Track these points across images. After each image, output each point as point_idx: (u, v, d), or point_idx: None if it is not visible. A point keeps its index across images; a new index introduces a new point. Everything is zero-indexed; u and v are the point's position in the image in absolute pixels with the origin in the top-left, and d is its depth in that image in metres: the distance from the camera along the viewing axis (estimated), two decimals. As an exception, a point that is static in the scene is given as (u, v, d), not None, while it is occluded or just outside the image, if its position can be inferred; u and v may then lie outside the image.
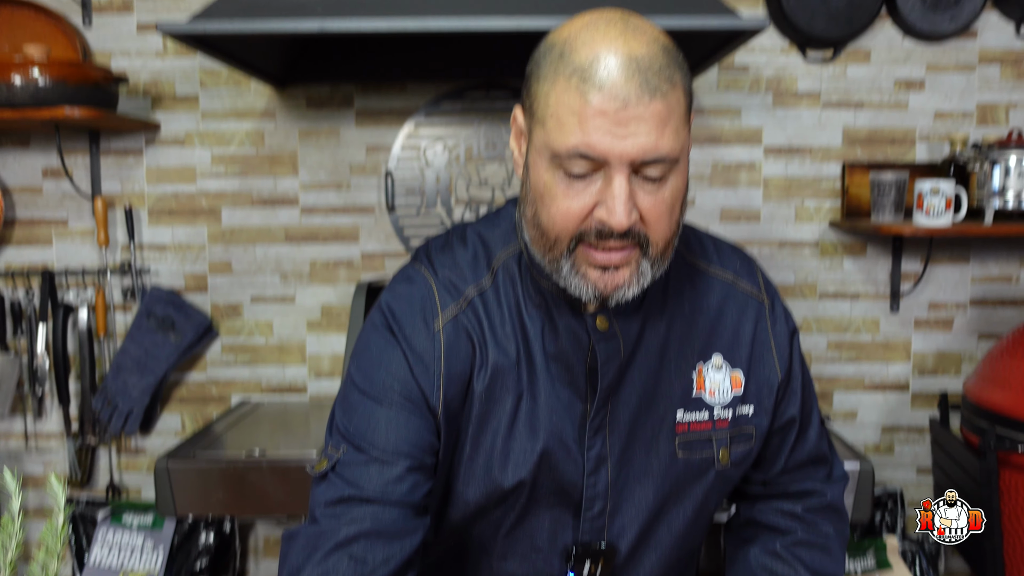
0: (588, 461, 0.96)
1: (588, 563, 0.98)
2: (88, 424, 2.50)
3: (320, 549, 0.85)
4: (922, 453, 2.53)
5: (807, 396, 1.06)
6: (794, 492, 1.08)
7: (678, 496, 1.01)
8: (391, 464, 0.89)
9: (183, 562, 2.39)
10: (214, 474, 1.94)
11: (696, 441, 0.99)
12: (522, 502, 0.97)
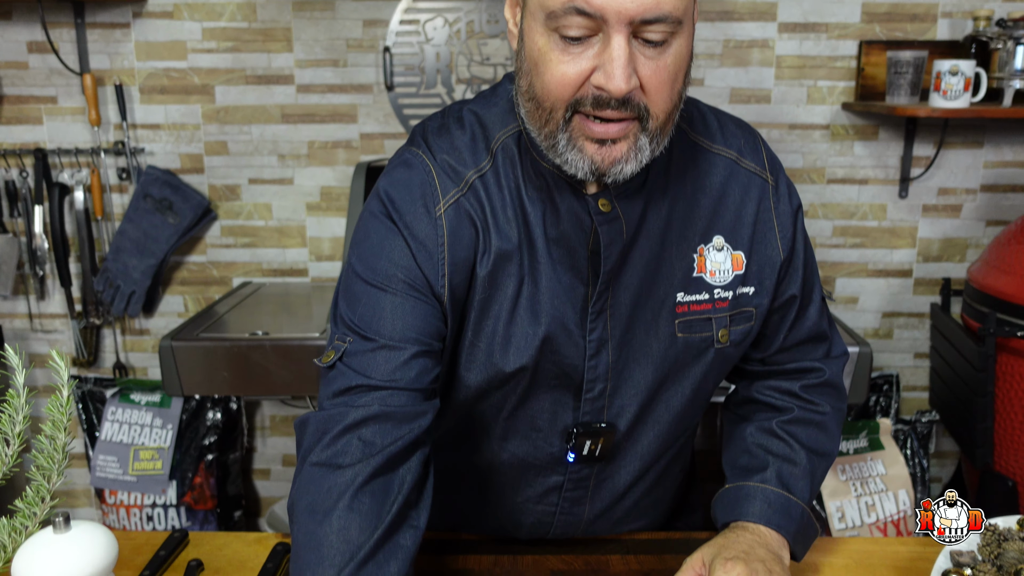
0: (590, 344, 0.97)
1: (588, 442, 1.01)
2: (91, 305, 2.53)
3: (329, 432, 0.86)
4: (921, 339, 2.56)
5: (808, 274, 1.06)
6: (792, 370, 1.09)
7: (677, 376, 1.02)
8: (398, 350, 0.89)
9: (192, 439, 2.46)
10: (218, 354, 1.98)
11: (696, 321, 1.00)
12: (523, 386, 0.99)
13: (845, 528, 2.20)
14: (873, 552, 1.09)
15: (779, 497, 1.01)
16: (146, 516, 2.45)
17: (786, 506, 1.01)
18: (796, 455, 1.05)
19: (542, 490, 1.06)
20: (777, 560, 0.95)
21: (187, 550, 1.11)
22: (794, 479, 1.03)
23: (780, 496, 1.01)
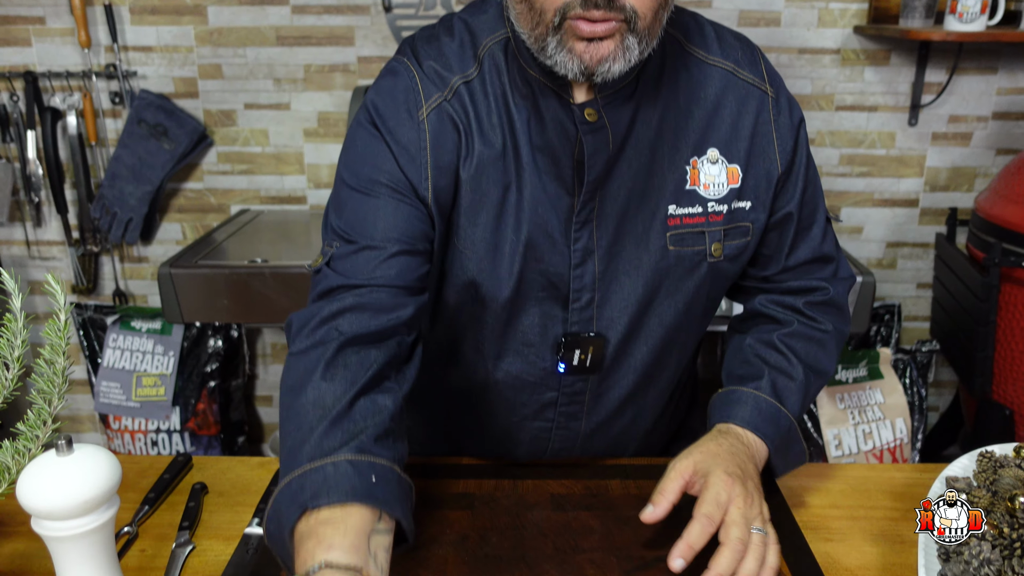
0: (574, 253, 0.98)
1: (577, 352, 1.02)
2: (88, 232, 2.52)
3: (308, 325, 0.88)
4: (924, 269, 2.56)
5: (811, 192, 1.05)
6: (796, 288, 1.09)
7: (669, 290, 1.03)
8: (379, 250, 0.91)
9: (194, 365, 2.49)
10: (217, 281, 1.98)
11: (688, 235, 1.00)
12: (511, 295, 1.00)
13: (842, 455, 2.24)
14: (869, 478, 1.11)
15: (770, 406, 1.00)
16: (151, 441, 2.50)
17: (775, 416, 1.00)
18: (793, 369, 1.04)
19: (537, 407, 1.08)
20: (758, 472, 0.95)
21: (191, 474, 1.13)
22: (788, 392, 1.02)
23: (771, 405, 1.00)
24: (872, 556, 0.95)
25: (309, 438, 0.78)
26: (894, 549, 0.96)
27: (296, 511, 0.73)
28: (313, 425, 0.79)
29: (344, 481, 0.74)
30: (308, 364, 0.85)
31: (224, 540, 0.98)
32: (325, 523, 0.72)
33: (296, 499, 0.74)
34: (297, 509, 0.73)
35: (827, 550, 0.96)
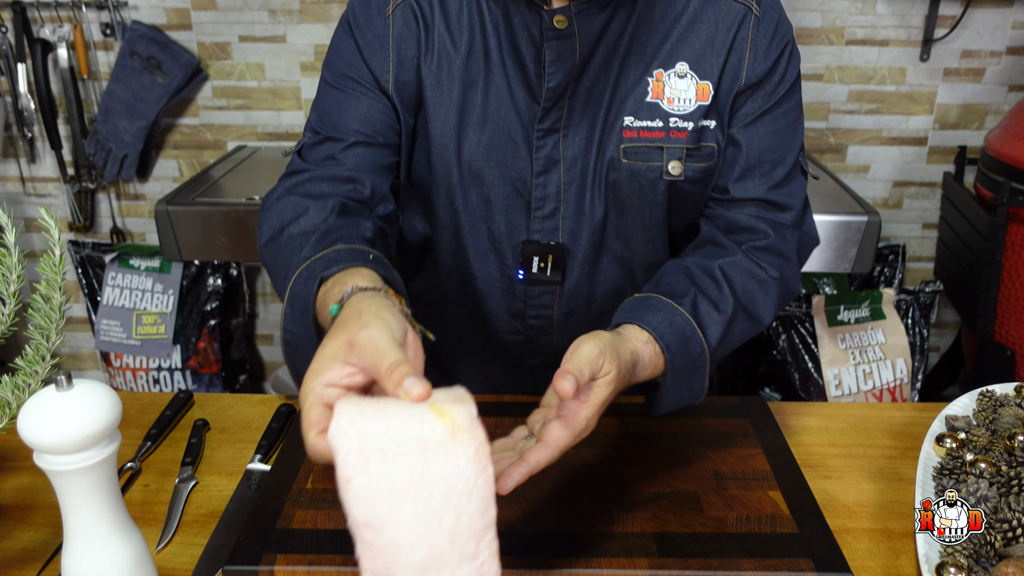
0: (537, 161, 1.00)
1: (536, 260, 1.03)
2: (84, 169, 2.50)
3: (271, 196, 0.98)
4: (930, 209, 2.54)
5: (785, 133, 1.00)
6: (740, 224, 1.00)
7: (631, 209, 1.02)
8: (338, 141, 0.99)
9: (193, 304, 2.49)
10: (215, 219, 1.97)
11: (644, 149, 0.99)
12: (477, 195, 1.02)
13: (841, 395, 2.26)
14: (869, 417, 1.12)
15: (686, 324, 0.88)
16: (152, 379, 2.52)
17: (687, 337, 0.88)
18: (724, 300, 0.94)
19: (507, 317, 1.09)
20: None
21: (192, 410, 1.14)
22: (710, 321, 0.92)
23: (688, 323, 0.88)
24: (870, 493, 0.96)
25: (302, 251, 0.85)
26: (891, 487, 0.98)
27: (314, 284, 0.78)
28: (302, 245, 0.87)
29: (347, 256, 0.80)
30: (280, 211, 0.94)
31: (226, 476, 0.99)
32: (343, 276, 0.76)
33: (309, 280, 0.79)
34: (315, 282, 0.78)
35: (825, 487, 0.97)
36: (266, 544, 0.79)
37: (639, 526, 0.82)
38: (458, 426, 0.56)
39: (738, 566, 0.77)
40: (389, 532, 0.55)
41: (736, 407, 1.05)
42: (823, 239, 1.91)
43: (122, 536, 0.70)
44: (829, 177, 2.20)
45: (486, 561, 0.56)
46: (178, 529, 0.90)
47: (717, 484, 0.89)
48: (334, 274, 0.77)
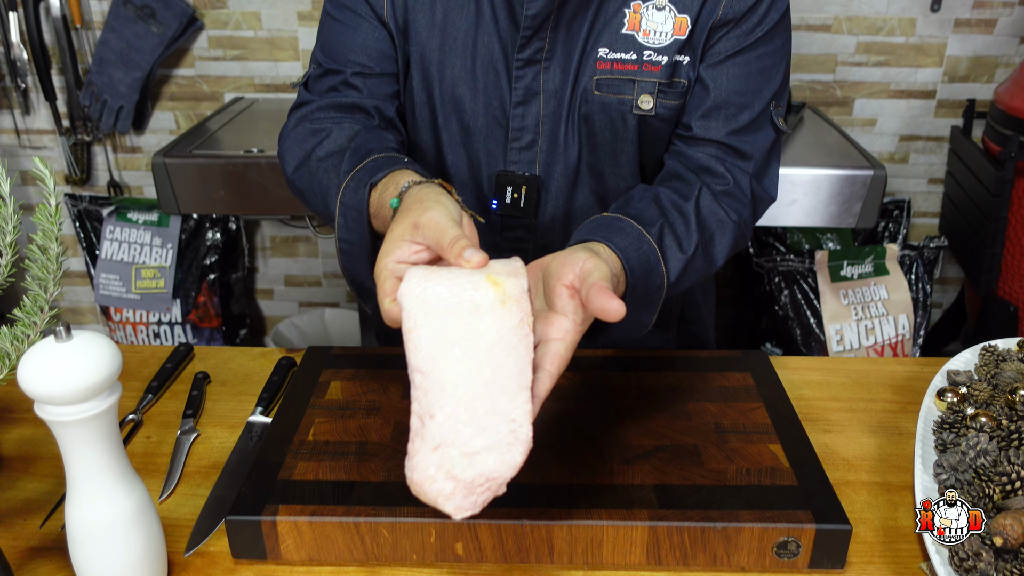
0: (516, 91, 1.00)
1: (509, 190, 1.04)
2: (79, 121, 2.47)
3: (286, 129, 1.04)
4: (937, 163, 2.52)
5: (758, 77, 0.98)
6: (700, 164, 0.99)
7: (605, 145, 1.02)
8: (340, 73, 1.02)
9: (192, 258, 2.49)
10: (213, 171, 1.95)
11: (616, 81, 0.98)
12: (458, 121, 1.03)
13: (843, 351, 2.26)
14: (870, 371, 1.13)
15: (652, 253, 0.86)
16: (152, 333, 2.53)
17: (651, 267, 0.86)
18: (688, 239, 0.92)
19: (483, 249, 1.08)
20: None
21: (193, 363, 1.14)
22: (672, 256, 0.90)
23: (654, 253, 0.87)
24: (870, 447, 0.97)
25: (340, 168, 0.91)
26: (891, 440, 0.98)
27: (365, 192, 0.84)
28: (336, 163, 0.92)
29: (387, 162, 0.86)
30: (301, 139, 0.99)
31: (228, 428, 1.00)
32: (393, 177, 0.83)
33: (358, 189, 0.85)
34: (364, 190, 0.84)
35: (825, 441, 0.98)
36: (268, 495, 0.80)
37: (639, 478, 0.83)
38: (508, 296, 0.64)
39: (737, 518, 0.78)
40: (436, 376, 0.62)
41: (738, 361, 1.05)
42: (828, 193, 1.90)
43: (125, 487, 0.70)
44: (835, 130, 2.17)
45: (518, 420, 0.61)
46: (180, 480, 0.91)
47: (717, 437, 0.90)
48: (381, 179, 0.84)
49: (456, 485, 0.60)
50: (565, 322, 0.69)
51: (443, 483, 0.60)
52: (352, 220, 0.87)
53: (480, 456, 0.60)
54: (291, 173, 1.00)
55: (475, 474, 0.60)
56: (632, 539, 0.78)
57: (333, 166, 0.94)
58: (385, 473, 0.83)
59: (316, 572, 0.79)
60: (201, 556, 0.81)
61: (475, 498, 0.60)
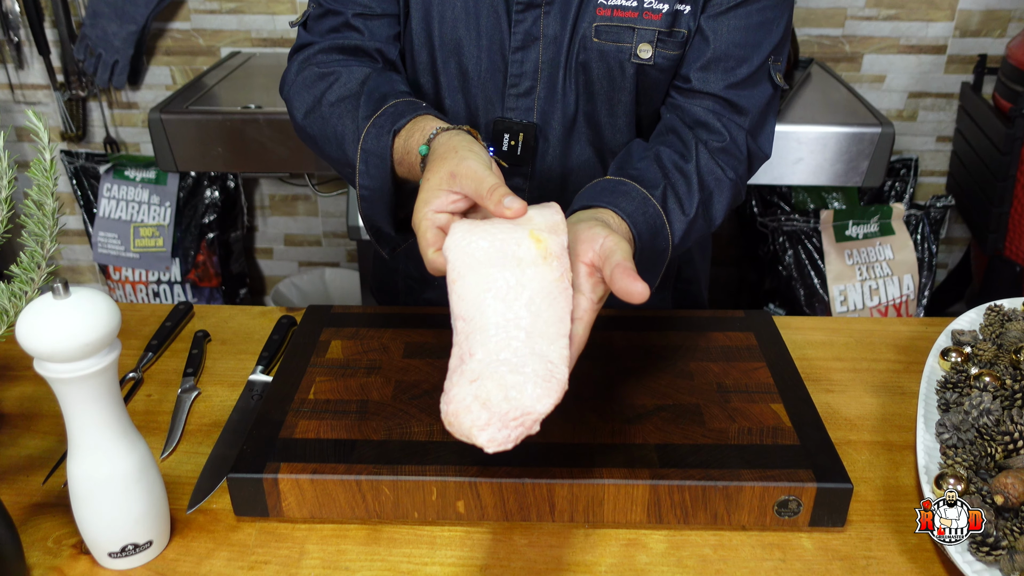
0: (515, 36, 0.98)
1: (506, 137, 1.03)
2: (74, 76, 2.45)
3: (290, 73, 1.02)
4: (946, 121, 2.49)
5: (755, 24, 0.95)
6: (698, 119, 0.97)
7: (603, 95, 1.01)
8: (340, 15, 1.00)
9: (191, 216, 2.48)
10: (211, 128, 1.94)
11: (615, 28, 0.96)
12: (457, 64, 1.01)
13: (846, 311, 2.26)
14: (874, 331, 1.13)
15: (657, 217, 0.87)
16: (152, 292, 2.53)
17: (657, 231, 0.87)
18: (689, 200, 0.92)
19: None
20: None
21: (193, 322, 1.15)
22: (676, 218, 0.91)
23: (659, 216, 0.87)
24: (872, 407, 0.98)
25: (357, 112, 0.91)
26: (894, 400, 0.99)
27: (388, 138, 0.85)
28: (352, 107, 0.92)
29: (407, 107, 0.87)
30: (308, 84, 0.98)
31: (228, 386, 1.00)
32: (417, 123, 0.84)
33: (380, 136, 0.86)
34: (388, 136, 0.85)
35: (828, 400, 0.98)
36: (269, 453, 0.81)
37: (641, 438, 0.83)
38: (550, 252, 0.67)
39: (738, 476, 0.78)
40: (477, 321, 0.65)
41: (741, 321, 1.05)
42: (834, 151, 1.88)
43: (126, 444, 0.71)
44: (842, 87, 2.15)
45: (554, 361, 0.63)
46: (181, 438, 0.92)
47: (720, 397, 0.90)
48: (404, 125, 0.85)
49: (491, 416, 0.60)
50: (583, 300, 0.70)
51: (478, 413, 0.61)
52: (374, 167, 0.87)
53: (516, 390, 0.61)
54: (301, 119, 0.99)
55: (510, 407, 0.61)
56: (633, 497, 0.79)
57: (349, 111, 0.93)
58: (386, 432, 0.84)
59: (318, 529, 0.80)
60: (204, 513, 0.81)
61: (508, 432, 0.61)
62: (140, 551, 0.75)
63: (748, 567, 0.76)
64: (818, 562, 0.77)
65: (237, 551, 0.77)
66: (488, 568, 0.76)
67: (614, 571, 0.76)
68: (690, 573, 0.75)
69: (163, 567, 0.75)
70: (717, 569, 0.76)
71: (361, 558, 0.77)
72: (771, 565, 0.76)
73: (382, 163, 0.86)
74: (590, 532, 0.80)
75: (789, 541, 0.79)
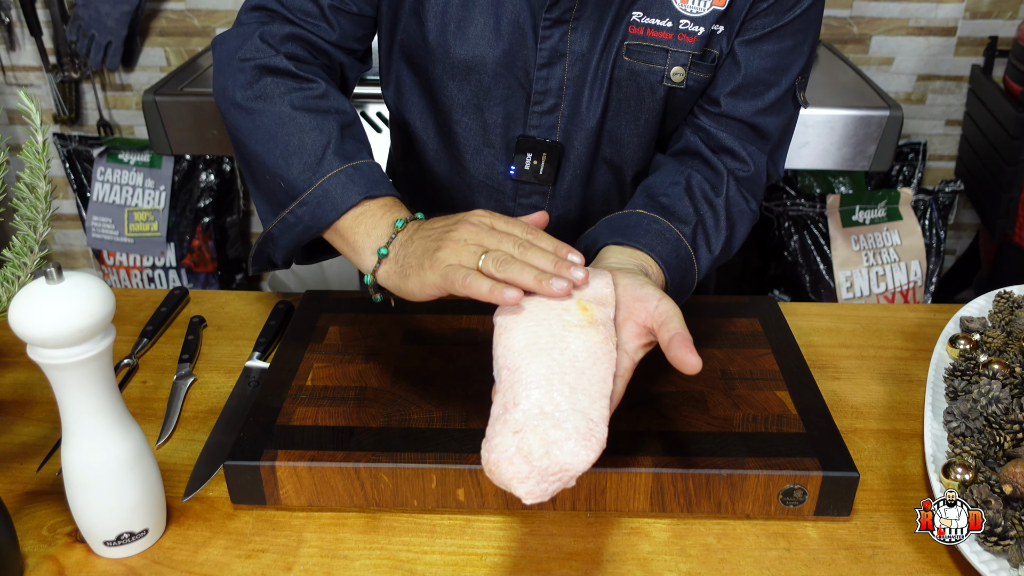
0: (540, 53, 0.96)
1: (529, 156, 1.02)
2: (66, 57, 2.44)
3: (234, 39, 0.93)
4: (955, 104, 2.48)
5: (789, 54, 0.95)
6: (726, 146, 0.98)
7: (628, 113, 1.00)
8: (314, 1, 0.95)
9: (186, 201, 2.48)
10: (206, 111, 1.93)
11: (648, 49, 0.95)
12: (475, 84, 0.99)
13: (853, 298, 2.26)
14: (881, 318, 1.12)
15: (687, 258, 0.90)
16: (147, 277, 2.53)
17: (686, 271, 0.90)
18: (717, 237, 0.95)
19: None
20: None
21: (188, 307, 1.14)
22: (703, 255, 0.93)
23: (689, 258, 0.90)
24: (879, 394, 0.97)
25: (327, 140, 0.85)
26: (901, 388, 0.99)
27: (355, 197, 0.82)
28: (322, 126, 0.86)
29: (357, 181, 0.83)
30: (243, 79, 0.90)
31: (225, 373, 1.00)
32: (362, 217, 0.81)
33: (349, 188, 0.82)
34: (331, 215, 0.82)
35: (834, 388, 0.98)
36: (267, 440, 0.81)
37: (643, 425, 0.83)
38: (596, 320, 0.70)
39: (743, 465, 0.78)
40: (523, 372, 0.66)
41: (746, 307, 1.05)
42: (841, 135, 1.87)
43: (121, 431, 0.71)
44: (850, 69, 2.14)
45: (595, 420, 0.64)
46: (177, 425, 0.92)
47: (724, 384, 0.90)
48: (349, 209, 0.82)
49: (531, 470, 0.62)
50: (625, 359, 0.71)
51: (520, 466, 0.62)
52: (321, 210, 0.83)
53: (557, 445, 0.62)
54: (242, 97, 0.90)
55: (550, 462, 0.62)
56: (636, 486, 0.79)
57: (316, 127, 0.86)
58: (385, 419, 0.84)
59: (316, 518, 0.80)
60: (200, 501, 0.82)
61: (546, 486, 0.62)
62: (136, 539, 0.75)
63: (752, 556, 0.76)
64: (823, 552, 0.77)
65: (234, 539, 0.77)
66: (488, 557, 0.76)
67: (616, 560, 0.76)
68: (693, 563, 0.75)
69: (159, 556, 0.76)
70: (721, 558, 0.76)
71: (360, 547, 0.77)
72: (776, 555, 0.76)
73: (332, 210, 0.82)
74: (592, 521, 0.80)
75: (794, 530, 0.79)
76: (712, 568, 0.75)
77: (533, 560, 0.76)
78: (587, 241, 0.92)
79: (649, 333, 0.72)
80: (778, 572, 0.75)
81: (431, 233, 0.76)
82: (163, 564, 0.75)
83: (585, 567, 0.75)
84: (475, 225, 0.74)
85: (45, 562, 0.75)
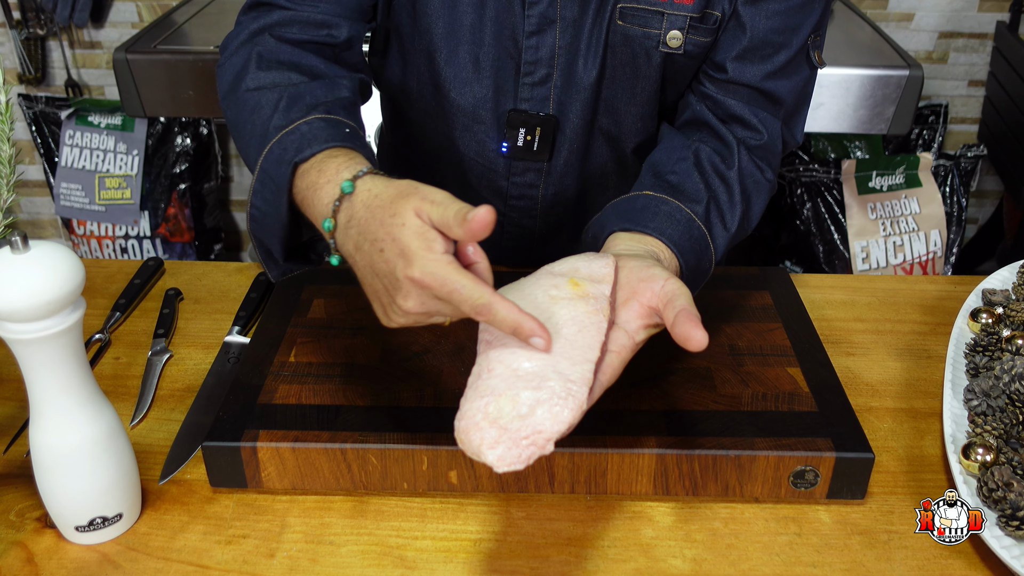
0: (529, 19, 0.95)
1: (522, 131, 1.01)
2: (31, 12, 2.41)
3: (237, 38, 0.94)
4: (979, 64, 2.47)
5: (795, 5, 0.93)
6: (736, 114, 0.97)
7: (624, 81, 0.99)
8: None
9: (161, 166, 2.46)
10: (181, 69, 1.91)
11: (642, 12, 0.94)
12: (464, 54, 0.98)
13: (868, 269, 2.26)
14: (899, 290, 1.12)
15: (702, 239, 0.89)
16: (119, 247, 2.52)
17: (701, 253, 0.89)
18: (732, 214, 0.94)
19: (489, 196, 1.07)
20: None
21: (163, 279, 1.14)
22: (718, 234, 0.92)
23: (704, 239, 0.89)
24: (896, 371, 0.97)
25: (272, 113, 0.82)
26: (919, 364, 0.99)
27: (286, 169, 0.77)
28: (273, 101, 0.83)
29: (322, 132, 0.78)
30: (239, 62, 0.89)
31: (203, 348, 1.00)
32: (326, 160, 0.75)
33: (281, 160, 0.77)
34: (287, 167, 0.77)
35: (848, 364, 0.98)
36: (247, 420, 0.80)
37: (647, 403, 0.83)
38: (587, 294, 0.69)
39: (752, 445, 0.78)
40: (502, 340, 0.66)
41: (756, 278, 1.04)
42: (857, 96, 1.86)
43: (92, 410, 0.70)
44: (868, 26, 2.12)
45: (576, 381, 0.63)
46: (153, 404, 0.92)
47: (732, 360, 0.90)
48: (307, 158, 0.76)
49: (501, 434, 0.60)
50: (622, 336, 0.70)
51: (487, 430, 0.61)
52: (270, 192, 0.80)
53: (530, 408, 0.61)
54: (222, 96, 0.91)
55: (522, 424, 0.61)
56: (638, 467, 0.79)
57: (269, 104, 0.84)
58: (373, 397, 0.83)
59: (300, 501, 0.80)
60: (177, 484, 0.81)
61: (519, 451, 0.60)
62: (109, 524, 0.75)
63: (761, 542, 0.76)
64: (836, 537, 0.77)
65: (213, 524, 0.77)
66: (482, 543, 0.76)
67: (617, 545, 0.76)
68: (699, 548, 0.76)
69: (134, 541, 0.76)
70: (728, 544, 0.76)
71: (346, 532, 0.77)
72: (786, 540, 0.77)
73: (279, 192, 0.78)
74: (592, 504, 0.80)
75: (805, 514, 0.79)
76: (719, 554, 0.75)
77: (530, 546, 0.76)
78: (594, 228, 0.91)
79: (654, 314, 0.71)
80: (788, 558, 0.75)
81: (372, 251, 0.72)
82: (138, 550, 0.75)
83: (584, 553, 0.75)
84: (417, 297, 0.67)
85: (13, 548, 0.75)
